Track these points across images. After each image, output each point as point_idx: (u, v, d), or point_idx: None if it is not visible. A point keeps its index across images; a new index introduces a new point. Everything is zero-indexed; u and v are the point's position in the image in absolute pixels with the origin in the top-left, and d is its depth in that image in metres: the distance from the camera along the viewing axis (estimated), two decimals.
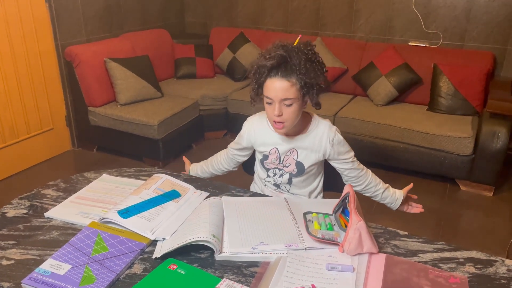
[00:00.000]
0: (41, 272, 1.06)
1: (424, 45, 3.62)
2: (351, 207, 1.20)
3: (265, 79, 1.37)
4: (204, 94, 3.71)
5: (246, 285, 1.05)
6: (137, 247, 1.17)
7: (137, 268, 1.11)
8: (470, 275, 1.11)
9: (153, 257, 1.15)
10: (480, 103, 3.22)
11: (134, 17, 4.01)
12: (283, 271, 1.09)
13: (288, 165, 1.54)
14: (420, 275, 1.10)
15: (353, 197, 1.22)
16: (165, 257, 1.13)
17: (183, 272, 1.07)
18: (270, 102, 1.39)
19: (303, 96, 1.39)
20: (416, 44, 3.65)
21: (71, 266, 1.08)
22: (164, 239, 1.21)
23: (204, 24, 4.62)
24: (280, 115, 1.37)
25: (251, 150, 1.65)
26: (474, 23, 3.43)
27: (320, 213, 1.32)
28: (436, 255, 1.19)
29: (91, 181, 1.55)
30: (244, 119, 1.64)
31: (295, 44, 1.38)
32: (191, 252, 1.17)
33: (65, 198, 1.43)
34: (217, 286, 1.03)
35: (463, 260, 1.17)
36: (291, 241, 1.20)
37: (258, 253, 1.16)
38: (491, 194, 3.02)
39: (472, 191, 3.06)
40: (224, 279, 1.06)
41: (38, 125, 3.34)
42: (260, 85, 1.40)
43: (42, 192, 1.48)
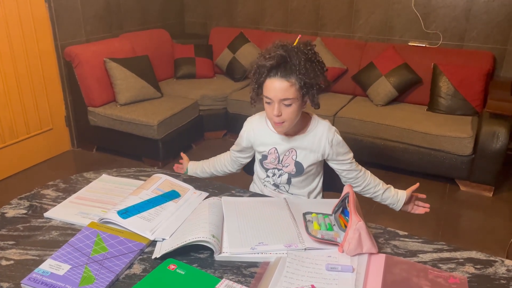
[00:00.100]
0: (40, 272, 1.06)
1: (424, 45, 3.62)
2: (351, 207, 1.20)
3: (264, 79, 1.37)
4: (203, 94, 3.71)
5: (245, 285, 1.05)
6: (137, 248, 1.16)
7: (137, 269, 1.11)
8: (470, 275, 1.11)
9: (153, 257, 1.15)
10: (480, 103, 3.22)
11: (133, 17, 4.01)
12: (282, 271, 1.09)
13: (287, 165, 1.54)
14: (419, 276, 1.10)
15: (352, 197, 1.22)
16: (164, 257, 1.13)
17: (183, 273, 1.07)
18: (270, 102, 1.39)
19: (303, 96, 1.39)
20: (416, 44, 3.65)
21: (70, 267, 1.08)
22: (163, 239, 1.21)
23: (204, 24, 4.62)
24: (279, 115, 1.37)
25: (252, 151, 1.65)
26: (474, 23, 3.43)
27: (319, 213, 1.32)
28: (435, 255, 1.19)
29: (91, 181, 1.55)
30: (244, 119, 1.64)
31: (295, 44, 1.38)
32: (191, 253, 1.17)
33: (65, 198, 1.43)
34: (216, 287, 1.03)
35: (462, 260, 1.17)
36: (291, 241, 1.20)
37: (258, 253, 1.16)
38: (490, 194, 3.02)
39: (472, 191, 3.06)
40: (224, 279, 1.06)
41: (38, 125, 3.34)
42: (260, 85, 1.40)
43: (41, 192, 1.48)
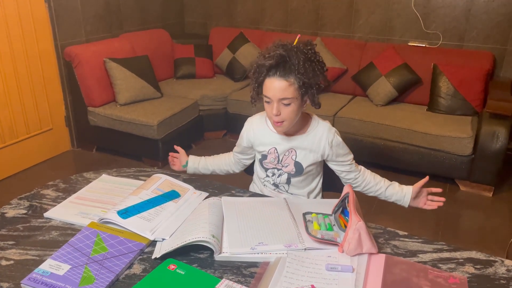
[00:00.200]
0: (40, 272, 1.06)
1: (424, 45, 3.62)
2: (351, 207, 1.20)
3: (264, 78, 1.37)
4: (203, 94, 3.71)
5: (245, 285, 1.05)
6: (137, 248, 1.16)
7: (137, 269, 1.11)
8: (470, 275, 1.11)
9: (153, 257, 1.15)
10: (480, 103, 3.22)
11: (133, 17, 4.01)
12: (282, 271, 1.09)
13: (286, 165, 1.54)
14: (419, 276, 1.10)
15: (352, 197, 1.22)
16: (164, 257, 1.13)
17: (183, 273, 1.07)
18: (269, 101, 1.39)
19: (302, 96, 1.39)
20: (415, 44, 3.65)
21: (70, 267, 1.08)
22: (163, 239, 1.21)
23: (203, 24, 4.62)
24: (278, 114, 1.37)
25: (253, 152, 1.65)
26: (474, 23, 3.43)
27: (319, 213, 1.32)
28: (435, 255, 1.19)
29: (91, 181, 1.55)
30: (244, 119, 1.64)
31: (294, 44, 1.38)
32: (191, 253, 1.17)
33: (65, 199, 1.43)
34: (216, 287, 1.03)
35: (462, 260, 1.17)
36: (291, 241, 1.20)
37: (258, 253, 1.16)
38: (490, 194, 3.02)
39: (472, 191, 3.06)
40: (224, 279, 1.06)
41: (38, 125, 3.34)
42: (260, 84, 1.40)
43: (41, 192, 1.48)
